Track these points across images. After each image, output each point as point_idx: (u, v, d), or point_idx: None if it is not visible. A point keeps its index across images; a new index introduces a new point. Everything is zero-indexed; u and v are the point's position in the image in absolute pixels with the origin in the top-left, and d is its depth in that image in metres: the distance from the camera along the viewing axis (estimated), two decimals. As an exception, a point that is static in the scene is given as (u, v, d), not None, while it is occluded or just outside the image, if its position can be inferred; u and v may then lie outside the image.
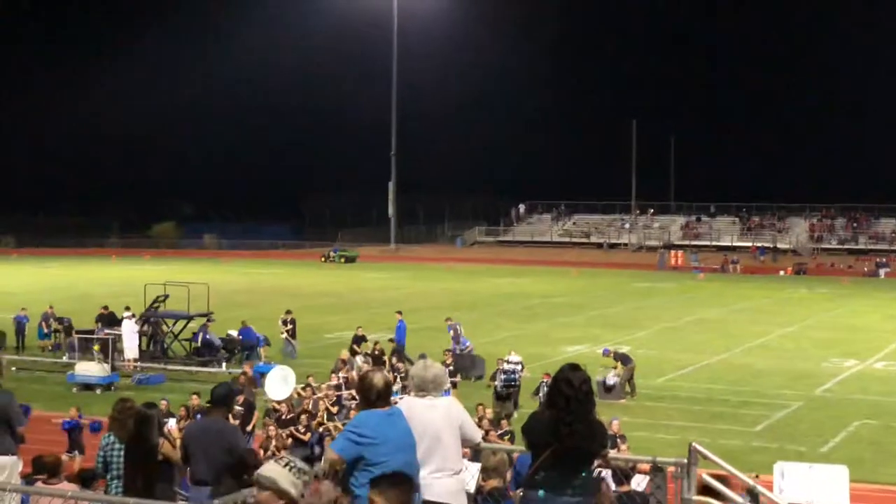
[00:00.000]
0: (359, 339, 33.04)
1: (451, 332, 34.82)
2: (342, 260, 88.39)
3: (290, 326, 35.36)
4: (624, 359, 29.24)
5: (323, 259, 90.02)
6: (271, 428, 19.68)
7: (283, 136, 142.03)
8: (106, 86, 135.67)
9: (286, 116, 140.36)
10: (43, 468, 10.74)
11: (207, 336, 33.37)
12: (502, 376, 25.93)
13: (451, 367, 27.19)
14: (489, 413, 21.62)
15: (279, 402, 20.82)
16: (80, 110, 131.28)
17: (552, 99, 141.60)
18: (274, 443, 19.19)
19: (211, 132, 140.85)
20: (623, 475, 9.46)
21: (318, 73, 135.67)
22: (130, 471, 9.50)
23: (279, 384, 20.41)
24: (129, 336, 32.88)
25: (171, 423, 15.21)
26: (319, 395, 23.01)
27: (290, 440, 19.92)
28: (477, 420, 17.75)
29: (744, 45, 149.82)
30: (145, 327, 34.29)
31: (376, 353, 30.23)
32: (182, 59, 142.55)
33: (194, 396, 21.32)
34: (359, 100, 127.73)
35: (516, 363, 26.71)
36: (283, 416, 20.59)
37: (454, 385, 26.13)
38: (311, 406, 22.04)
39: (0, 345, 35.43)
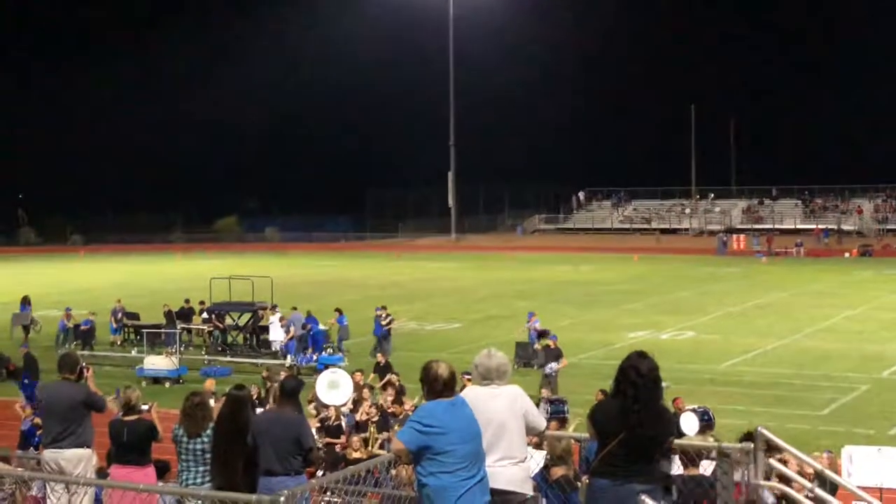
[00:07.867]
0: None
1: (303, 328, 32.98)
2: None
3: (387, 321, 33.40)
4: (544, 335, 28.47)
5: None
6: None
7: (343, 130, 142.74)
8: (168, 83, 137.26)
9: (345, 110, 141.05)
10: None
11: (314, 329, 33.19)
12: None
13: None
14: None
15: (336, 407, 19.28)
16: (142, 109, 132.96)
17: (610, 85, 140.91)
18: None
19: (271, 127, 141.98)
20: (689, 459, 9.42)
21: (377, 65, 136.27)
22: (222, 458, 9.43)
23: (330, 389, 19.12)
24: (278, 332, 33.12)
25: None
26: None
27: None
28: None
29: (801, 25, 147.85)
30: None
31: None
32: (242, 54, 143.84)
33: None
34: (418, 91, 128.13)
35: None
36: (331, 423, 19.06)
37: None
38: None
39: (88, 342, 35.14)
